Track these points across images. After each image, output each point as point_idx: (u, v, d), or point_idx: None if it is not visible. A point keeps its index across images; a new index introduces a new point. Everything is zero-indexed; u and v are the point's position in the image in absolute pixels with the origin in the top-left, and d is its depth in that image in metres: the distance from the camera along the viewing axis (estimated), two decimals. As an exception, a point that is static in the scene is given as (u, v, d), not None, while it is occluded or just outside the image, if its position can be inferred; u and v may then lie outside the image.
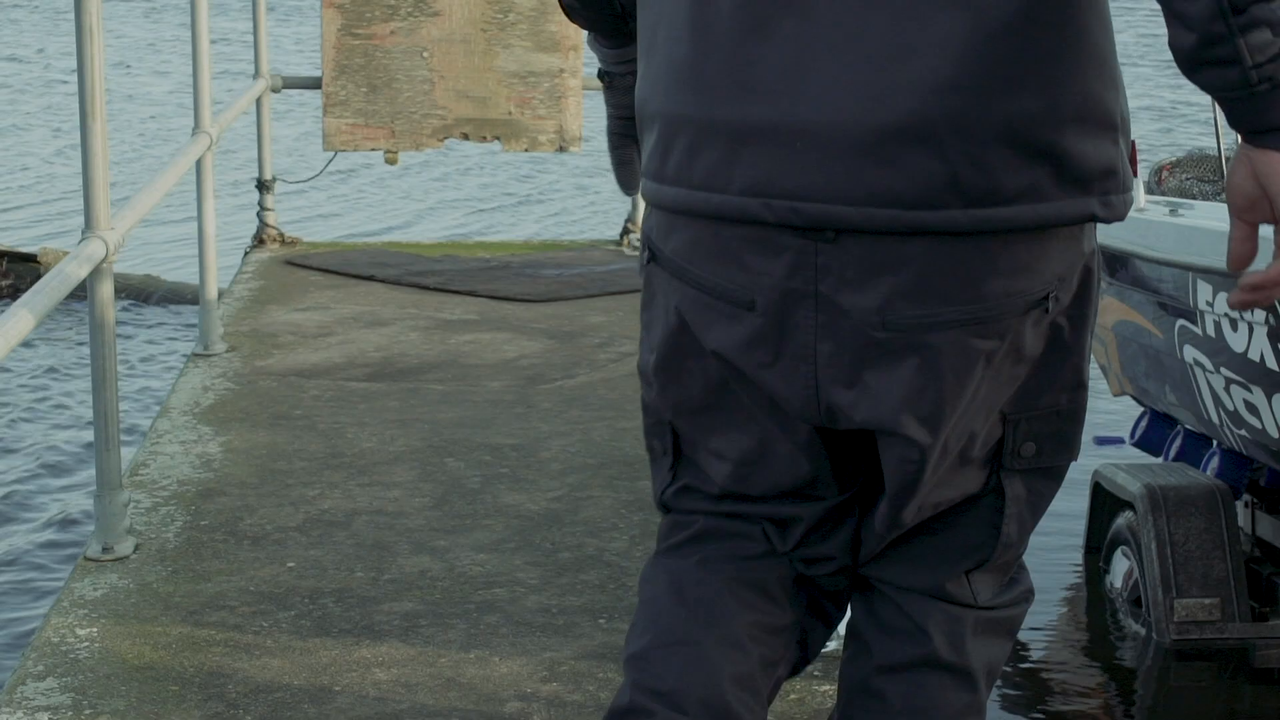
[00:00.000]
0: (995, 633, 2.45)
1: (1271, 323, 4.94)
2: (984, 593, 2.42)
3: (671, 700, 2.33)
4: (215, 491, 4.91)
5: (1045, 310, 2.22)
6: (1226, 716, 5.51)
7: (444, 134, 8.85)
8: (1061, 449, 2.36)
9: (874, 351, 2.17)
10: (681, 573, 2.43)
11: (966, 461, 2.33)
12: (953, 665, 2.40)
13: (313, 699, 3.56)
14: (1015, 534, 2.39)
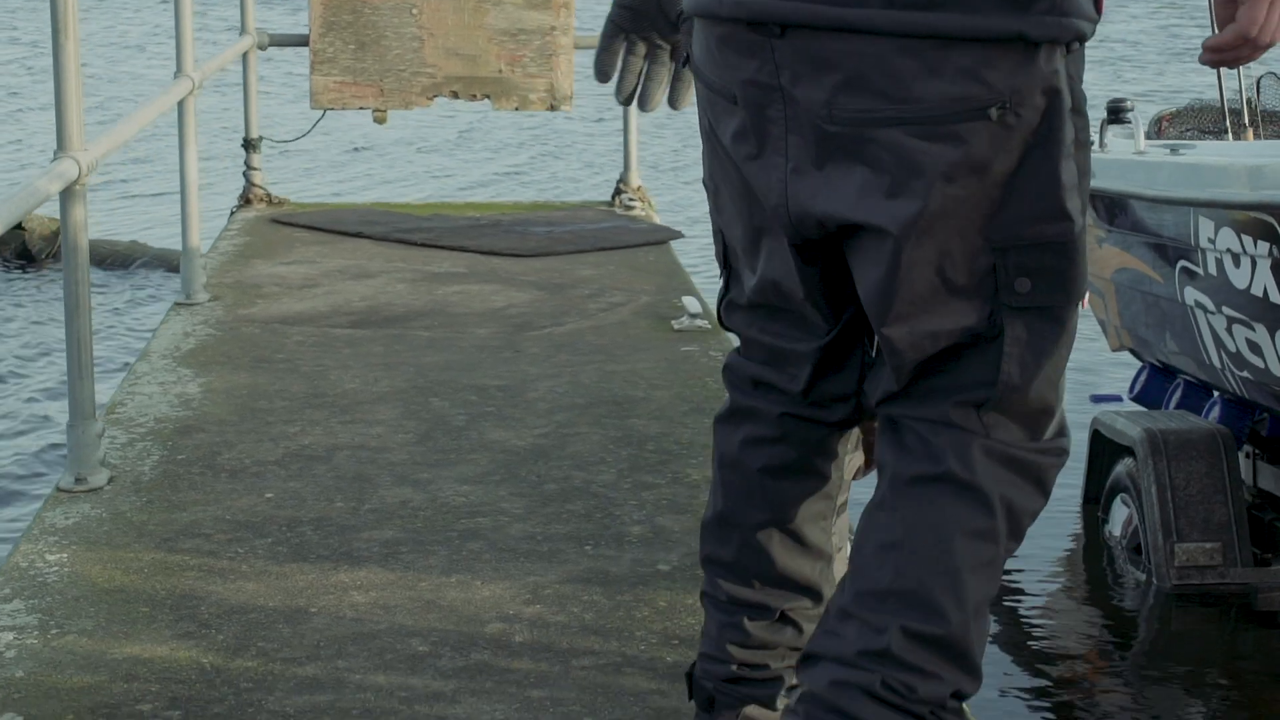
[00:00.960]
0: (1014, 469, 2.35)
1: (1275, 255, 4.83)
2: (1001, 434, 2.34)
3: (734, 574, 2.56)
4: (193, 428, 4.79)
5: (1003, 125, 2.21)
6: (1228, 660, 5.39)
7: (433, 92, 8.72)
8: (1056, 287, 2.30)
9: (830, 145, 2.25)
10: (728, 452, 2.58)
11: (954, 289, 2.29)
12: (965, 482, 2.33)
13: (288, 620, 3.44)
14: (1017, 376, 2.31)
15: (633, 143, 8.91)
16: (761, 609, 2.56)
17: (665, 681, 3.14)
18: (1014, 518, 2.36)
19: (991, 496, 2.33)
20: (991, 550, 2.34)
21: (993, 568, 2.36)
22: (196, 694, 3.10)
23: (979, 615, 2.35)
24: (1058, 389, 2.37)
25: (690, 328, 6.02)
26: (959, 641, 2.32)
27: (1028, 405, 2.35)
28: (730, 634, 2.57)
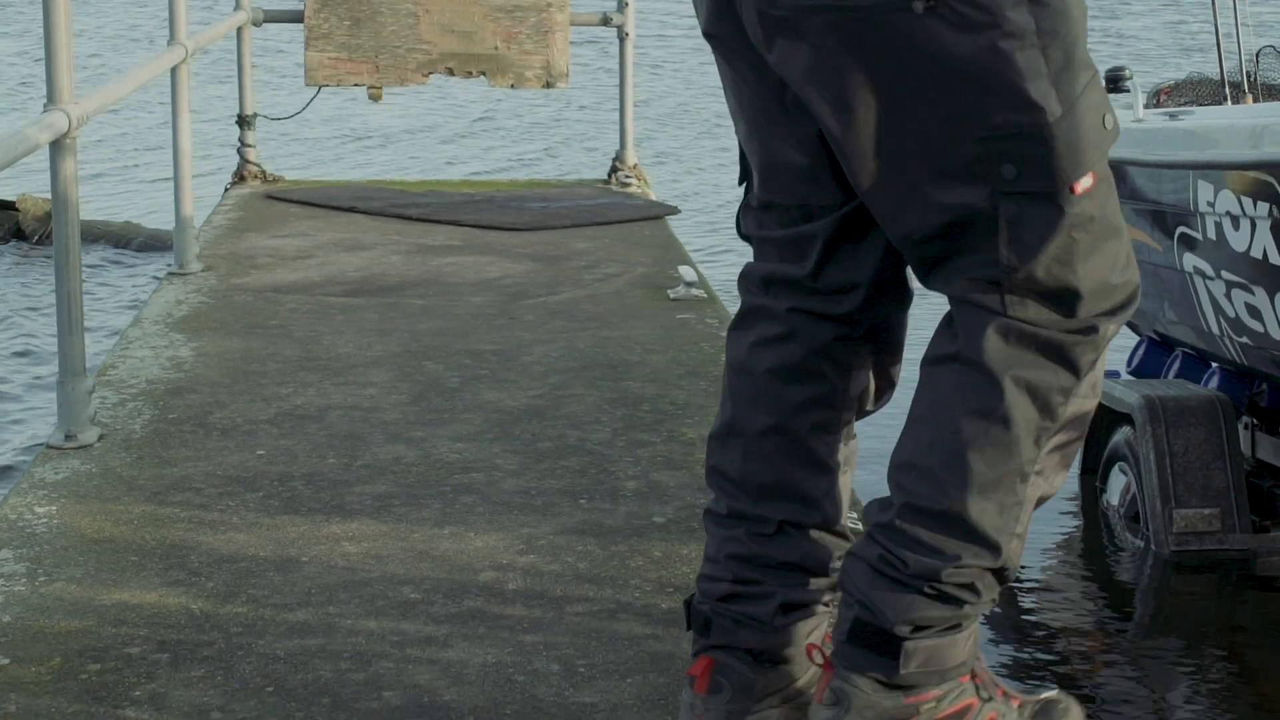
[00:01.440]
0: (1033, 347, 2.35)
1: (1275, 215, 4.80)
2: (1021, 312, 2.35)
3: (737, 485, 2.56)
4: (185, 389, 4.75)
5: (935, 17, 2.26)
6: (1227, 626, 5.36)
7: (428, 69, 8.68)
8: (1041, 174, 2.31)
9: (779, 26, 2.32)
10: (737, 357, 2.59)
11: (939, 173, 2.34)
12: (972, 362, 2.36)
13: (278, 568, 3.41)
14: (1015, 256, 2.33)
15: (629, 121, 8.88)
16: (760, 521, 2.55)
17: (660, 627, 3.11)
18: (1038, 396, 2.35)
19: (1000, 377, 2.35)
20: (1000, 430, 2.34)
21: (1004, 447, 2.34)
22: (186, 638, 3.06)
23: (991, 492, 2.35)
24: (1080, 271, 2.33)
25: (686, 296, 5.98)
26: (960, 517, 2.35)
27: (1041, 285, 2.34)
28: (729, 547, 2.57)
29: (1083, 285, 2.34)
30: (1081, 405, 2.43)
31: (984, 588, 2.42)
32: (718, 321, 5.64)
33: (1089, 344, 2.37)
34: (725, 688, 2.55)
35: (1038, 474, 2.40)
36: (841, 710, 2.42)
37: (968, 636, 2.45)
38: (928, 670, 2.42)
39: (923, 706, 2.45)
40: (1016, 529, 2.40)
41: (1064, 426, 2.41)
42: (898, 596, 2.40)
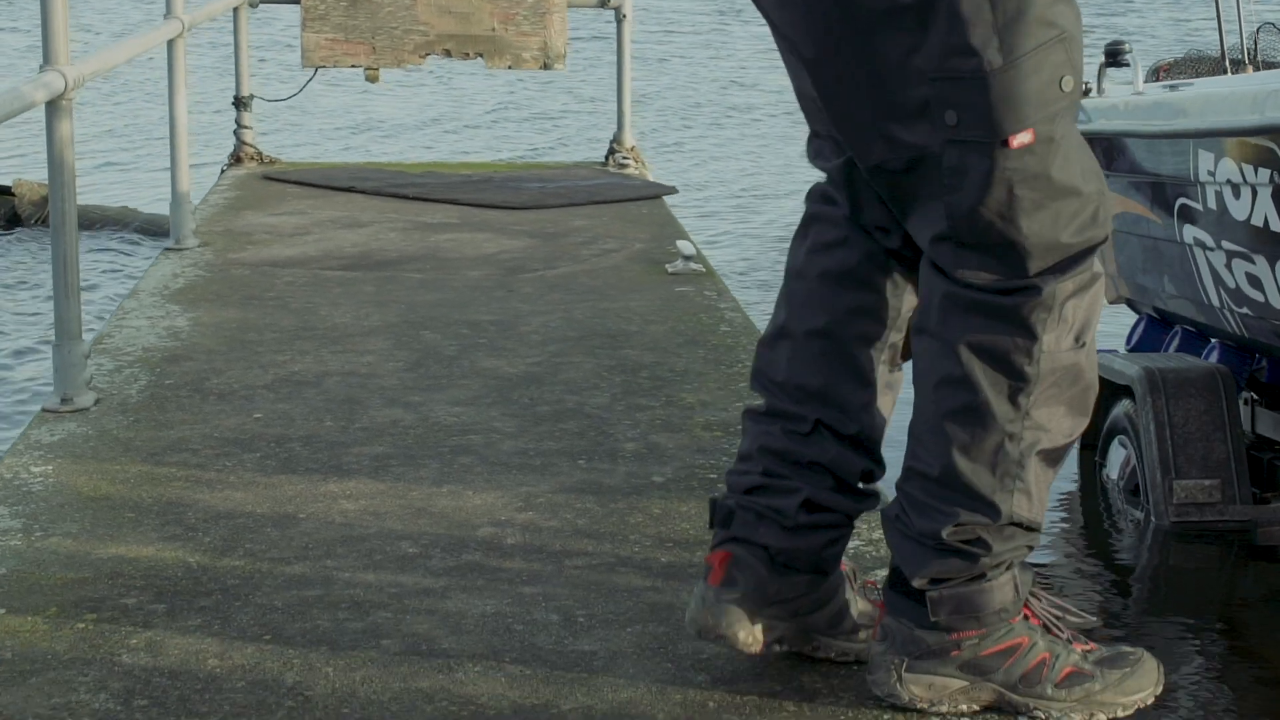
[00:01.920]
0: (980, 312, 2.41)
1: (1276, 181, 4.78)
2: (969, 276, 2.41)
3: (780, 386, 2.62)
4: (182, 357, 4.73)
5: None
6: (1227, 596, 5.34)
7: (425, 50, 8.66)
8: (977, 123, 2.35)
9: None
10: (794, 263, 2.67)
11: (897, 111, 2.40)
12: (934, 333, 2.46)
13: (276, 524, 3.39)
14: (958, 206, 2.38)
15: (626, 103, 8.86)
16: (798, 420, 2.61)
17: (660, 579, 3.09)
18: (997, 359, 2.41)
19: (955, 345, 2.43)
20: (967, 396, 2.42)
21: (976, 412, 2.42)
22: (183, 589, 3.04)
23: (976, 455, 2.43)
24: (1025, 228, 2.37)
25: (685, 270, 5.96)
26: (951, 480, 2.44)
27: (984, 238, 2.39)
28: (763, 440, 2.63)
29: (1027, 242, 2.38)
30: (1061, 360, 2.44)
31: (996, 541, 2.46)
32: (716, 294, 5.62)
33: (1035, 304, 2.40)
34: (739, 582, 2.60)
35: (1030, 429, 2.43)
36: (889, 645, 2.52)
37: (1004, 583, 2.49)
38: (962, 616, 2.48)
39: (965, 642, 2.50)
40: (1018, 485, 2.44)
41: (1048, 382, 2.43)
42: (912, 552, 2.50)
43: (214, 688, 2.63)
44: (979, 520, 2.45)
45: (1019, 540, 2.48)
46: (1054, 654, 2.53)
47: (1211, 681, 4.75)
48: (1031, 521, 2.47)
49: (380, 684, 2.64)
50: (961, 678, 2.51)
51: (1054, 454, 2.48)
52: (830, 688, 2.62)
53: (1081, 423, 2.49)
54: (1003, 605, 2.49)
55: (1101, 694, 2.54)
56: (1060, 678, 2.52)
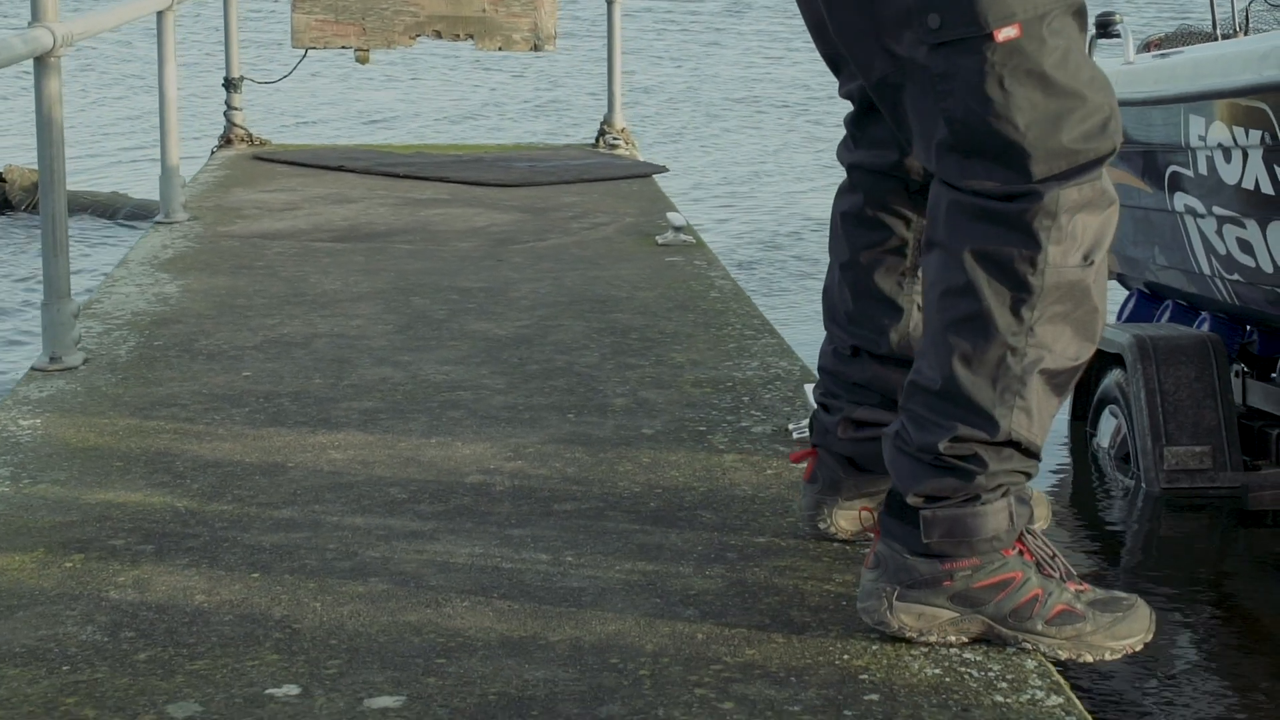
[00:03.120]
0: (985, 219, 2.41)
1: (1267, 142, 4.78)
2: (974, 183, 2.41)
3: (831, 313, 2.89)
4: (171, 320, 4.73)
5: None
6: (1217, 562, 5.34)
7: (416, 31, 8.66)
8: (961, 18, 2.36)
9: None
10: (834, 213, 2.89)
11: (886, 23, 2.44)
12: (939, 243, 2.48)
13: (264, 473, 3.38)
14: (959, 111, 2.39)
15: (617, 84, 8.85)
16: (841, 342, 2.86)
17: (649, 523, 3.08)
18: (1000, 267, 2.41)
19: (960, 253, 2.43)
20: (970, 305, 2.42)
21: (979, 321, 2.42)
22: (171, 531, 3.03)
23: (978, 367, 2.43)
24: (1021, 126, 2.36)
25: (675, 242, 5.95)
26: (951, 392, 2.45)
27: (984, 141, 2.38)
28: (823, 361, 2.91)
29: (1025, 140, 2.36)
30: (1066, 275, 2.42)
31: (992, 460, 2.46)
32: (706, 264, 5.62)
33: (1038, 210, 2.38)
34: (818, 479, 2.90)
35: (1033, 346, 2.43)
36: (882, 573, 2.53)
37: (999, 510, 2.48)
38: (954, 540, 2.48)
39: (958, 573, 2.50)
40: (1018, 402, 2.44)
41: (1053, 297, 2.42)
42: (908, 468, 2.50)
43: (201, 621, 2.62)
44: (977, 435, 2.44)
45: (1016, 463, 2.48)
46: (1047, 591, 2.52)
47: (1202, 645, 4.74)
48: (1030, 443, 2.47)
49: (368, 618, 2.63)
50: (952, 609, 2.50)
51: (1057, 377, 2.47)
52: (819, 621, 2.62)
53: (1087, 348, 2.48)
54: (995, 533, 2.48)
55: (1092, 635, 2.53)
56: (1051, 614, 2.51)
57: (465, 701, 2.34)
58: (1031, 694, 2.38)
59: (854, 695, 2.36)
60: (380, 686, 2.38)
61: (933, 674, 2.44)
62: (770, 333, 4.59)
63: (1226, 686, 4.45)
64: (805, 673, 2.43)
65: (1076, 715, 2.33)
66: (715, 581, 2.78)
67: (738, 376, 4.11)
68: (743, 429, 3.67)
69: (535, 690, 2.37)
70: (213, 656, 2.49)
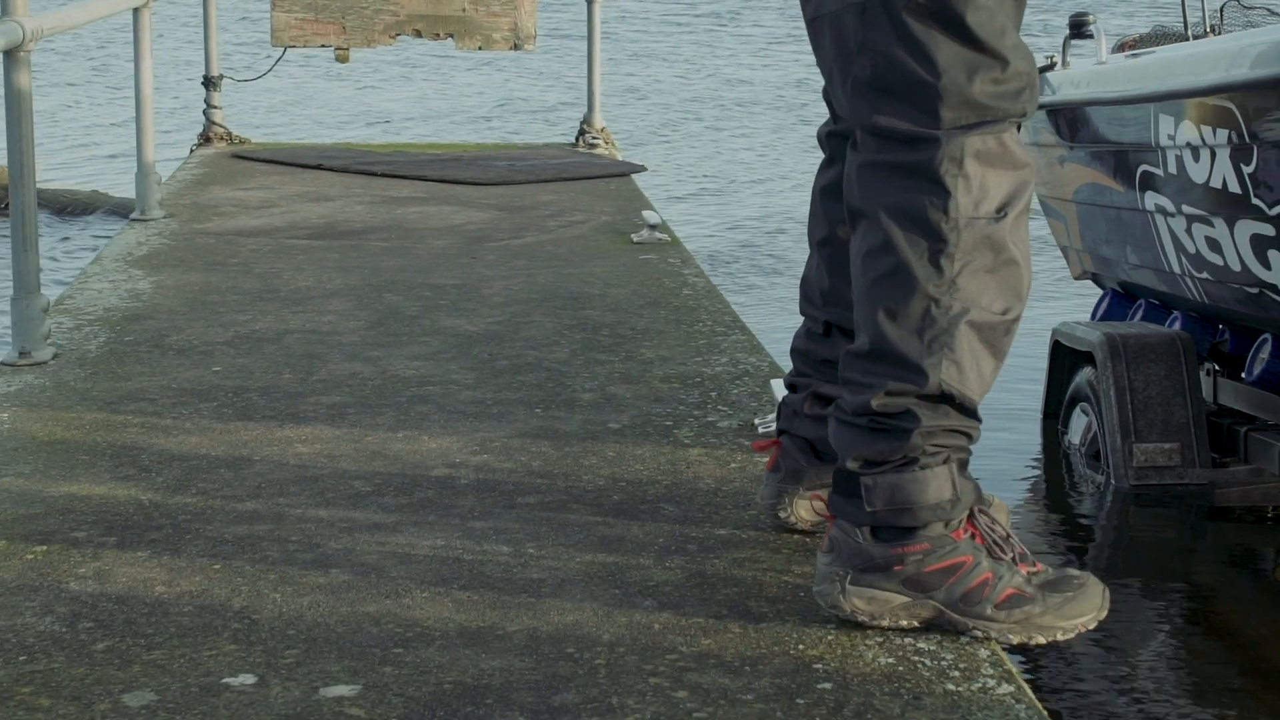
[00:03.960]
0: (890, 172, 2.48)
1: (1234, 141, 4.80)
2: (872, 113, 2.48)
3: (807, 291, 2.90)
4: (142, 316, 4.74)
5: None
6: (1186, 558, 5.36)
7: (396, 30, 8.67)
8: None
9: None
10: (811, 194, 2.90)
11: None
12: (857, 209, 2.54)
13: (230, 466, 3.39)
14: (881, 44, 2.45)
15: (596, 84, 8.86)
16: (814, 321, 2.87)
17: (612, 516, 3.09)
18: (913, 217, 2.46)
19: (876, 213, 2.49)
20: (890, 260, 2.47)
21: (898, 274, 2.47)
22: (134, 523, 3.04)
23: (901, 319, 2.47)
24: (938, 62, 2.42)
25: (650, 240, 5.97)
26: (879, 349, 2.50)
27: (898, 80, 2.44)
28: (795, 343, 2.92)
29: (939, 83, 2.43)
30: (980, 228, 2.47)
31: (925, 415, 2.49)
32: (680, 261, 5.63)
33: (943, 157, 2.44)
34: (781, 468, 2.90)
35: (957, 299, 2.47)
36: (835, 556, 2.55)
37: (939, 476, 2.51)
38: (896, 508, 2.50)
39: (909, 557, 2.52)
40: (947, 354, 2.47)
41: (971, 249, 2.47)
42: (846, 435, 2.54)
43: (161, 612, 2.63)
44: (908, 388, 2.47)
45: (954, 420, 2.50)
46: (997, 574, 2.54)
47: (1169, 639, 4.77)
48: (964, 397, 2.49)
49: (327, 608, 2.65)
50: (904, 593, 2.52)
51: (987, 330, 2.49)
52: (776, 612, 2.63)
53: (1015, 304, 2.51)
54: (938, 501, 2.50)
55: (1041, 617, 2.54)
56: (1001, 599, 2.53)
57: (420, 690, 2.35)
58: (983, 682, 2.40)
59: (807, 684, 2.38)
60: (336, 676, 2.40)
61: (886, 663, 2.45)
62: (741, 329, 4.61)
63: (1192, 681, 4.47)
64: (760, 662, 2.45)
65: (1026, 703, 2.34)
66: (674, 573, 2.79)
67: (706, 372, 4.13)
68: (709, 424, 3.68)
69: (491, 679, 2.38)
70: (170, 646, 2.50)
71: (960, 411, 2.50)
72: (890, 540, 2.52)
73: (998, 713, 2.30)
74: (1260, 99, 4.66)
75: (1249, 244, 4.96)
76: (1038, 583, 2.57)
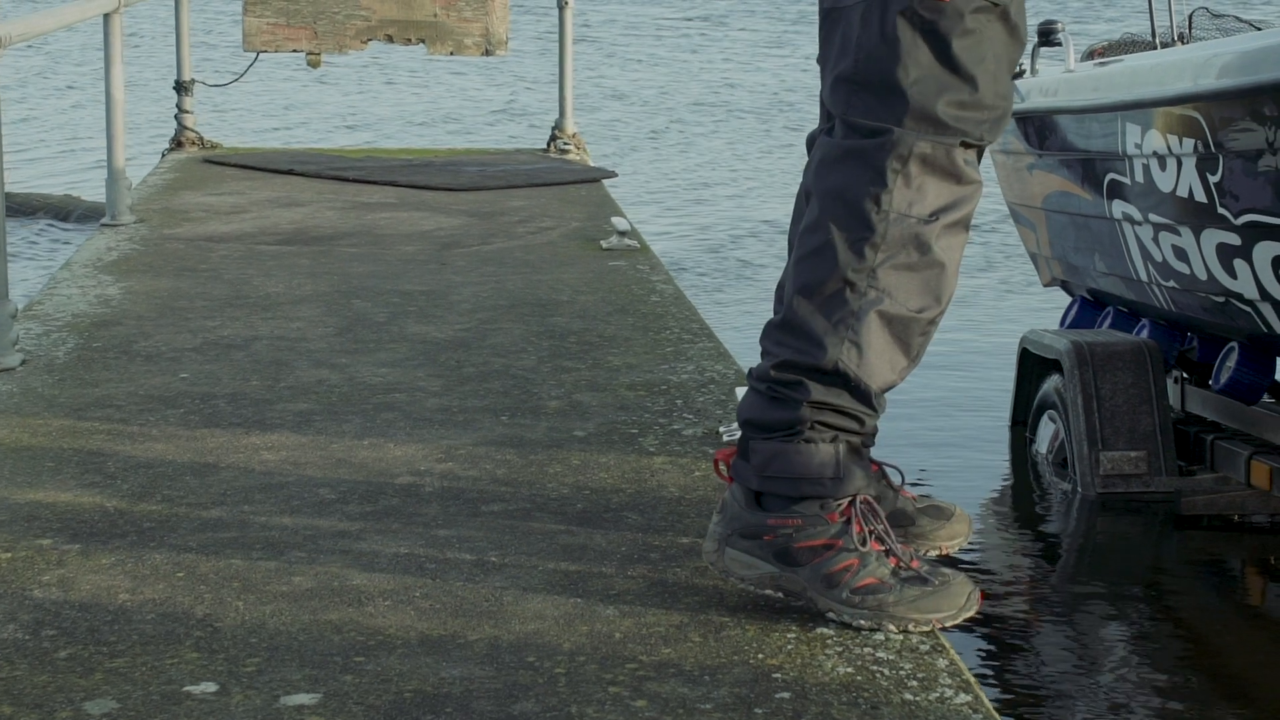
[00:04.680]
0: (845, 159, 2.57)
1: (1200, 151, 4.83)
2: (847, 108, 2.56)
3: (781, 289, 2.73)
4: (111, 322, 4.74)
5: None
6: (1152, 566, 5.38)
7: (367, 35, 8.68)
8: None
9: None
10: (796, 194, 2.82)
11: None
12: (806, 190, 2.65)
13: (195, 473, 3.39)
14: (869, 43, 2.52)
15: (568, 90, 8.88)
16: None
17: (575, 524, 3.11)
18: (846, 201, 2.55)
19: (820, 192, 2.58)
20: (818, 237, 2.57)
21: (822, 252, 2.56)
22: (99, 531, 3.05)
23: (815, 296, 2.56)
24: (911, 73, 2.50)
25: (619, 246, 5.98)
26: (789, 321, 2.60)
27: (875, 79, 2.52)
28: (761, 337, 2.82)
29: (909, 92, 2.51)
30: (910, 226, 2.55)
31: (816, 389, 2.57)
32: (649, 268, 5.65)
33: (889, 148, 2.52)
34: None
35: (873, 288, 2.55)
36: (722, 518, 2.67)
37: (824, 452, 2.59)
38: (774, 476, 2.59)
39: (780, 530, 2.61)
40: (849, 335, 2.56)
41: (896, 244, 2.55)
42: (747, 399, 2.66)
43: (124, 619, 2.64)
44: (804, 360, 2.57)
45: (845, 401, 2.58)
46: (863, 562, 2.60)
47: (1134, 646, 4.79)
48: (859, 381, 2.57)
49: (289, 616, 2.65)
50: (773, 564, 2.62)
51: (899, 324, 2.57)
52: (737, 621, 2.65)
53: (932, 305, 2.58)
54: (818, 476, 2.58)
55: (895, 607, 2.59)
56: (859, 585, 2.59)
57: (381, 699, 2.36)
58: (941, 692, 2.42)
59: (766, 693, 2.39)
60: (297, 684, 2.40)
61: (845, 672, 2.47)
62: (709, 336, 4.62)
63: (1156, 688, 4.50)
64: (719, 671, 2.46)
65: (984, 713, 2.36)
66: (636, 582, 2.81)
67: (673, 380, 4.14)
68: (674, 431, 3.70)
69: (451, 688, 2.40)
70: (133, 654, 2.50)
71: (854, 395, 2.59)
72: (768, 510, 2.62)
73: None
74: (1225, 109, 4.69)
75: (1215, 253, 4.99)
76: (904, 576, 2.61)
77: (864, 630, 2.59)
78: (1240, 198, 4.73)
